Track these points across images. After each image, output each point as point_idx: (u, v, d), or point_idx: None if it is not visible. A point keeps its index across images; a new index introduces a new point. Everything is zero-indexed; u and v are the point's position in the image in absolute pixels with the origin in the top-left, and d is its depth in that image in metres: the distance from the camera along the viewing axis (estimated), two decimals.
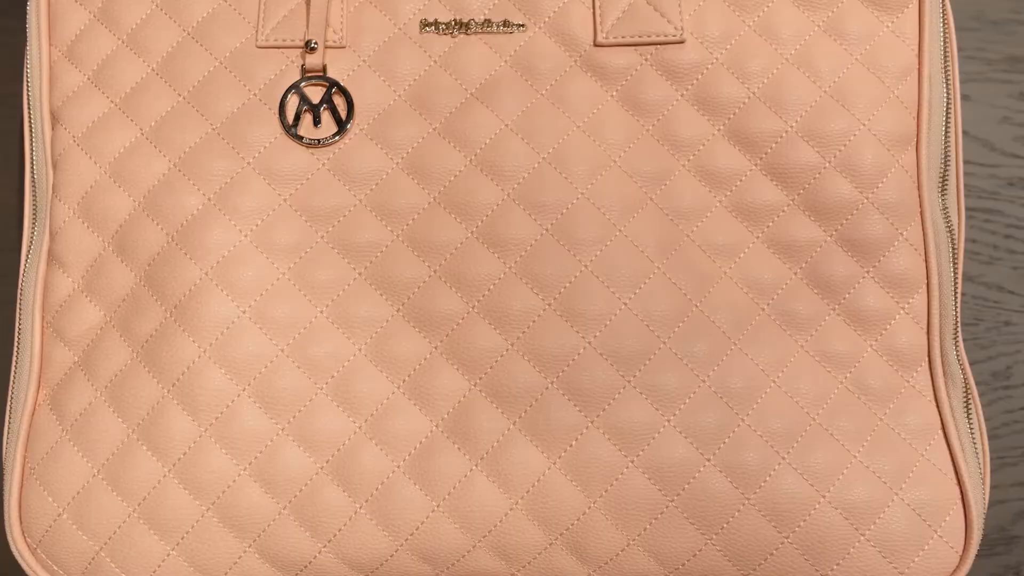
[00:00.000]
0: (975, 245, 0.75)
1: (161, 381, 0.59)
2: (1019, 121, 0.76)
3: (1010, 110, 0.77)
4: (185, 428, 0.58)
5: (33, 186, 0.63)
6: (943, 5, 0.63)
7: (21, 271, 0.63)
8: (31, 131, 0.63)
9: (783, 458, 0.58)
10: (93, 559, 0.58)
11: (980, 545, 0.68)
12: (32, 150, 0.64)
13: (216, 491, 0.58)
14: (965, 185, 0.75)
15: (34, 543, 0.59)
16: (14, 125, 0.75)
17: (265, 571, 0.59)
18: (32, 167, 0.63)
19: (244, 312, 0.59)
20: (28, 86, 0.63)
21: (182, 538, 0.58)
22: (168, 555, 0.58)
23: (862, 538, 0.58)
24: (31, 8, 0.63)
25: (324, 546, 0.58)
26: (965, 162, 0.77)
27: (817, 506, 0.58)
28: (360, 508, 0.58)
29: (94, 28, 0.63)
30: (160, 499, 0.58)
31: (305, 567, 0.58)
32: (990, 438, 0.73)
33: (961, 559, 0.59)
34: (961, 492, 0.59)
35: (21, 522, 0.60)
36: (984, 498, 0.61)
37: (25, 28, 0.73)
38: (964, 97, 0.77)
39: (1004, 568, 0.71)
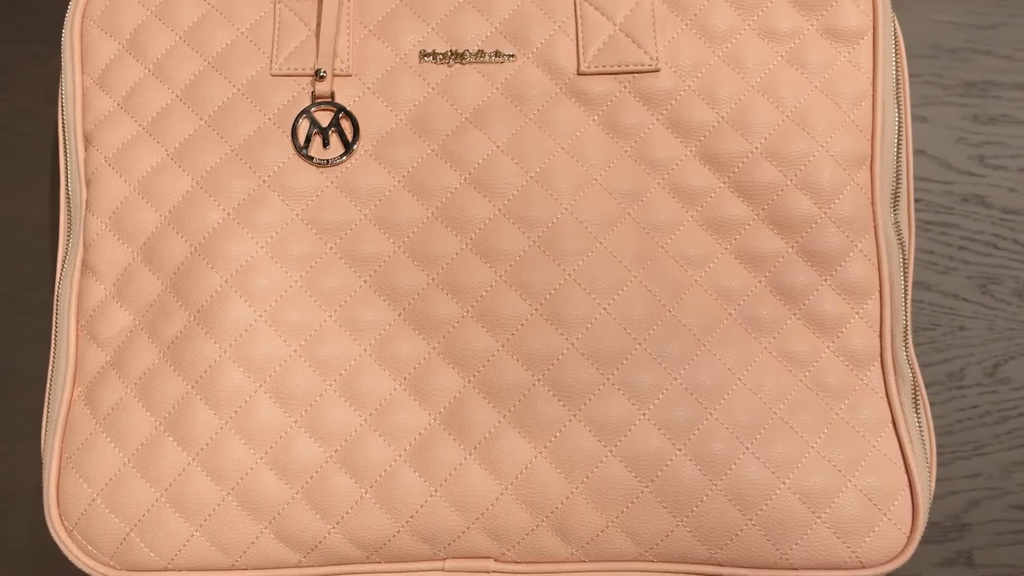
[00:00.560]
0: (932, 256, 0.78)
1: (185, 379, 0.62)
2: (973, 142, 0.80)
3: (965, 131, 0.80)
4: (207, 421, 0.62)
5: (67, 202, 0.66)
6: (895, 37, 0.66)
7: (56, 279, 0.66)
8: (65, 151, 0.67)
9: (747, 448, 0.62)
10: (124, 540, 0.61)
11: (935, 532, 0.74)
12: (66, 169, 0.67)
13: (235, 478, 0.61)
14: (923, 200, 0.79)
15: (70, 525, 0.62)
16: (45, 144, 0.78)
17: (279, 550, 0.62)
18: (67, 184, 0.66)
19: (260, 316, 0.62)
20: (62, 110, 0.66)
21: (204, 520, 0.61)
22: (192, 536, 0.61)
23: (818, 520, 0.61)
24: (65, 39, 0.66)
25: (333, 527, 0.61)
26: (923, 179, 0.79)
27: (778, 492, 0.61)
28: (365, 493, 0.61)
29: (123, 58, 0.66)
30: (184, 485, 0.61)
31: (316, 546, 0.61)
32: (945, 434, 0.76)
33: (908, 540, 0.62)
34: (909, 480, 0.62)
35: (59, 506, 0.63)
36: (930, 485, 0.64)
37: (54, 54, 0.78)
38: (922, 119, 0.80)
39: (957, 553, 0.74)
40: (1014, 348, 0.77)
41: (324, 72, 0.65)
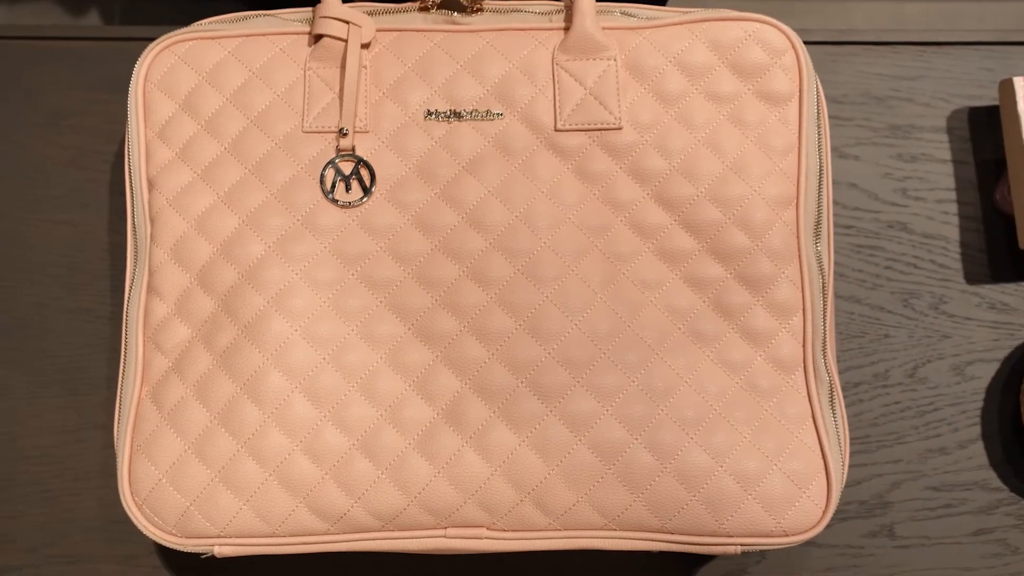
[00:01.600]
0: (862, 274, 0.84)
1: (234, 381, 0.68)
2: (898, 176, 0.86)
3: (891, 168, 0.86)
4: (253, 416, 0.68)
5: (134, 234, 0.72)
6: (819, 98, 0.72)
7: (125, 299, 0.72)
8: (131, 192, 0.72)
9: (692, 438, 0.68)
10: (184, 512, 0.68)
11: (862, 508, 0.79)
12: (133, 207, 0.72)
13: (275, 462, 0.68)
14: (855, 227, 0.84)
15: (140, 501, 0.69)
16: (106, 178, 0.85)
17: (311, 521, 0.68)
18: (133, 220, 0.72)
19: (295, 330, 0.69)
20: (129, 158, 0.72)
21: (250, 497, 0.68)
22: (240, 509, 0.68)
23: (749, 497, 0.67)
24: (131, 98, 0.72)
25: (355, 502, 0.68)
26: (855, 209, 0.85)
27: (716, 474, 0.67)
28: (381, 475, 0.68)
29: (179, 116, 0.72)
30: (234, 468, 0.68)
31: (341, 517, 0.68)
32: (871, 426, 0.82)
33: (823, 514, 0.68)
34: (825, 465, 0.68)
35: (131, 486, 0.69)
36: (843, 469, 0.70)
37: (114, 101, 0.84)
38: (855, 157, 0.85)
39: (881, 526, 0.81)
40: (930, 353, 0.83)
41: (347, 130, 0.70)
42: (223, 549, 0.69)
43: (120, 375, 0.72)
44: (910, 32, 0.89)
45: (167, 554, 0.81)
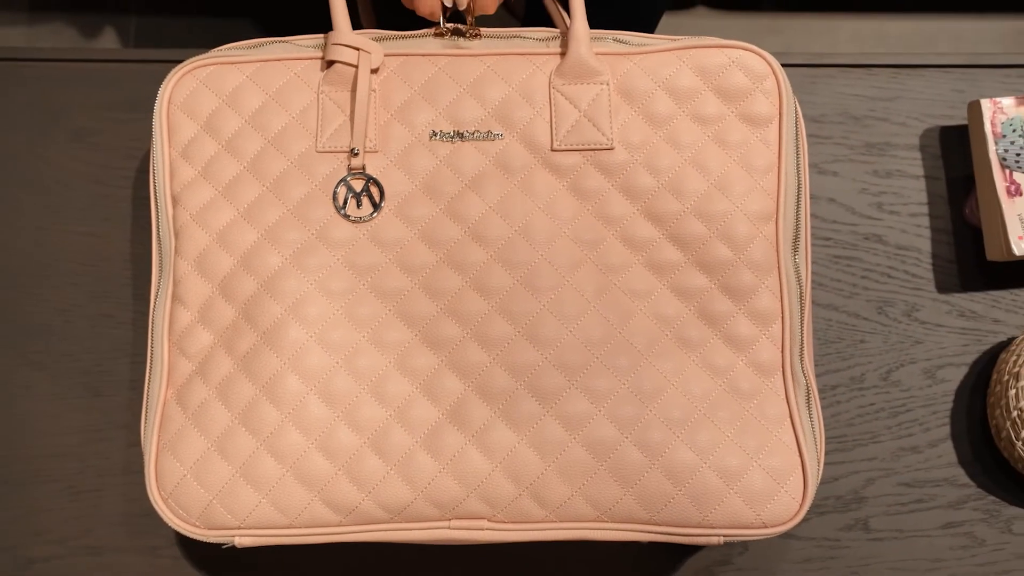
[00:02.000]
0: (839, 283, 0.88)
1: (254, 384, 0.72)
2: (874, 191, 0.90)
3: (867, 183, 0.90)
4: (271, 416, 0.71)
5: (159, 247, 0.76)
6: (797, 120, 0.75)
7: (151, 308, 0.76)
8: (157, 208, 0.76)
9: (678, 437, 0.71)
10: (207, 506, 0.71)
11: (839, 503, 0.83)
12: (158, 222, 0.76)
13: (292, 459, 0.71)
14: (833, 239, 0.88)
15: (166, 495, 0.72)
16: (127, 193, 0.89)
17: (326, 513, 0.71)
18: (158, 233, 0.76)
19: (311, 337, 0.72)
20: (154, 176, 0.76)
21: (269, 491, 0.71)
22: (259, 503, 0.71)
23: (731, 492, 0.71)
24: (155, 121, 0.75)
25: (366, 496, 0.71)
26: (833, 222, 0.89)
27: (701, 470, 0.71)
28: (391, 470, 0.71)
29: (201, 137, 0.75)
30: (254, 464, 0.71)
31: (353, 510, 0.71)
32: (847, 426, 0.86)
33: (800, 507, 0.71)
34: (801, 462, 0.72)
35: (157, 481, 0.72)
36: (819, 466, 0.73)
37: (134, 120, 0.88)
38: (833, 173, 0.90)
39: (856, 520, 0.85)
40: (904, 357, 0.88)
41: (357, 149, 0.73)
42: (243, 540, 0.73)
43: (146, 378, 0.76)
44: (886, 55, 0.93)
45: (187, 546, 0.85)
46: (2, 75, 0.92)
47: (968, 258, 0.90)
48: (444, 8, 0.76)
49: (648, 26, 1.19)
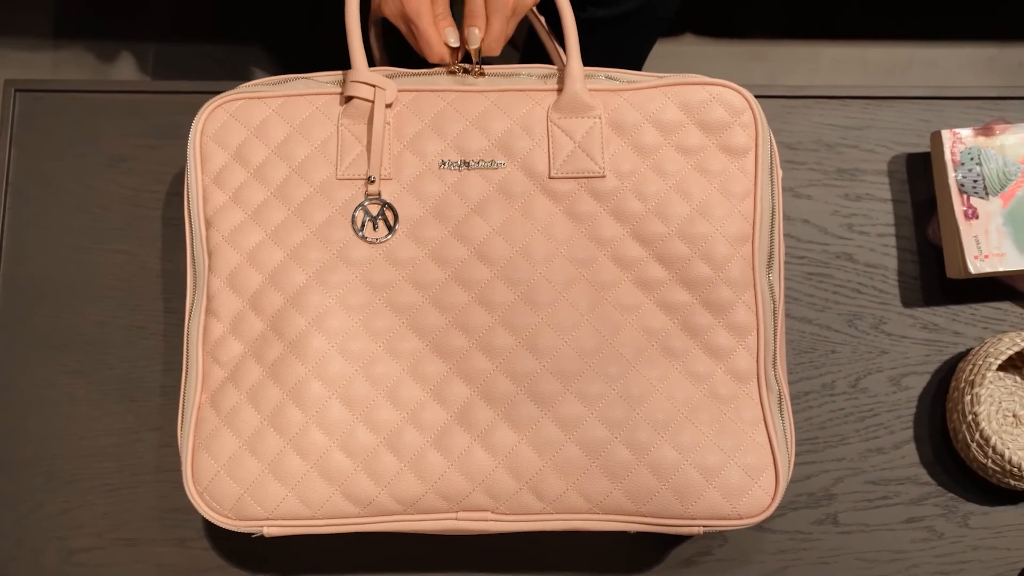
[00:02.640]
0: (812, 298, 0.93)
1: (281, 389, 0.77)
2: (845, 213, 0.95)
3: (839, 206, 0.96)
4: (297, 418, 0.76)
5: (193, 265, 0.81)
6: (772, 150, 0.80)
7: (186, 321, 0.81)
8: (191, 230, 0.81)
9: (662, 437, 0.76)
10: (239, 499, 0.77)
11: (811, 500, 0.88)
12: (192, 242, 0.81)
13: (315, 456, 0.76)
14: (807, 257, 0.93)
15: (202, 490, 0.77)
16: (158, 214, 0.95)
17: (345, 506, 0.76)
18: (192, 253, 0.81)
19: (332, 347, 0.77)
20: (188, 201, 0.80)
21: (295, 486, 0.76)
22: (286, 496, 0.76)
23: (710, 487, 0.76)
24: (190, 151, 0.80)
25: (382, 490, 0.76)
26: (807, 241, 0.94)
27: (683, 467, 0.76)
28: (404, 467, 0.76)
29: (231, 165, 0.80)
30: (281, 462, 0.76)
31: (370, 503, 0.76)
32: (819, 429, 0.91)
33: (772, 501, 0.77)
34: (774, 460, 0.77)
35: (193, 477, 0.77)
36: (789, 464, 0.78)
37: (163, 145, 0.94)
38: (808, 196, 0.95)
39: (826, 515, 0.90)
40: (871, 366, 0.93)
41: (373, 177, 0.78)
42: (271, 529, 0.78)
43: (182, 384, 0.81)
44: (857, 88, 0.99)
45: (214, 537, 0.91)
46: (45, 106, 0.98)
47: (931, 275, 0.95)
48: (453, 49, 0.81)
49: (642, 53, 1.25)
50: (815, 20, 1.62)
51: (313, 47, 1.60)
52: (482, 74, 0.82)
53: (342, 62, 0.82)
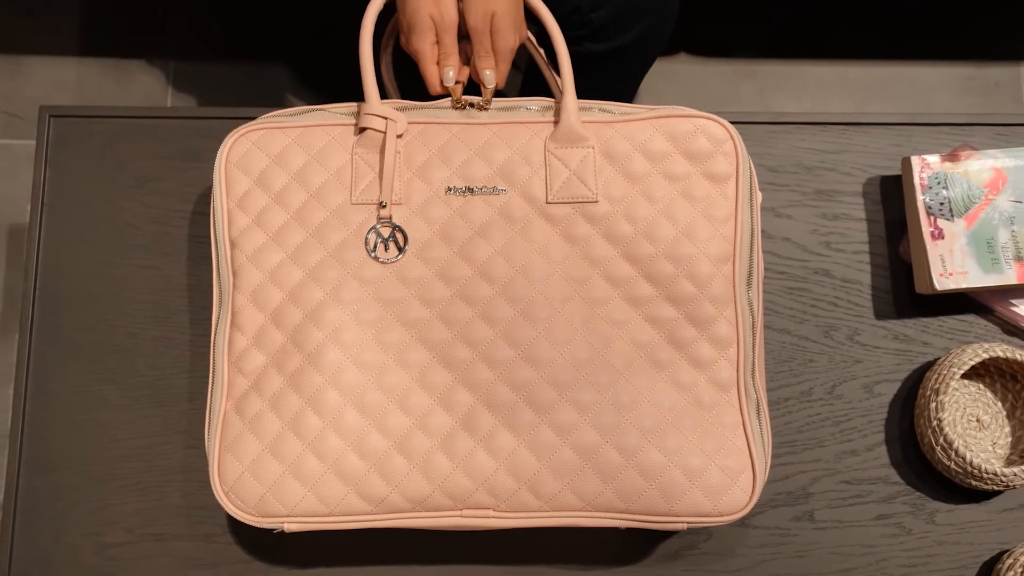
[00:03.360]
0: (792, 311, 0.98)
1: (301, 397, 0.81)
2: (823, 232, 1.00)
3: (817, 224, 1.00)
4: (315, 424, 0.81)
5: (218, 282, 0.86)
6: (752, 176, 0.84)
7: (212, 334, 0.86)
8: (217, 250, 0.85)
9: (650, 441, 0.81)
10: (262, 498, 0.82)
11: (789, 498, 0.93)
12: (217, 261, 0.86)
13: (332, 459, 0.81)
14: (787, 272, 0.98)
15: (227, 489, 0.82)
16: (184, 231, 1.00)
17: (359, 503, 0.81)
18: (218, 271, 0.86)
19: (347, 358, 0.81)
20: (214, 223, 0.86)
21: (313, 486, 0.81)
22: (305, 495, 0.81)
23: (693, 486, 0.81)
24: (215, 176, 0.85)
25: (393, 489, 0.81)
26: (788, 258, 0.98)
27: (668, 468, 0.81)
28: (413, 468, 0.81)
29: (254, 190, 0.84)
30: (300, 464, 0.81)
31: (382, 501, 0.81)
32: (797, 432, 0.95)
33: (750, 500, 0.81)
34: (752, 462, 0.82)
35: (220, 477, 0.83)
36: (766, 466, 0.83)
37: (188, 168, 0.99)
38: (788, 216, 0.99)
39: (803, 512, 0.94)
40: (846, 375, 0.97)
41: (385, 202, 0.82)
42: (291, 526, 0.83)
43: (209, 392, 0.86)
44: (834, 115, 1.04)
45: (237, 533, 0.96)
46: (78, 130, 1.04)
47: (902, 290, 0.99)
48: (460, 83, 0.87)
49: (634, 82, 1.30)
50: (802, 42, 1.67)
51: (323, 64, 1.65)
52: (485, 108, 0.87)
53: (351, 78, 0.87)
